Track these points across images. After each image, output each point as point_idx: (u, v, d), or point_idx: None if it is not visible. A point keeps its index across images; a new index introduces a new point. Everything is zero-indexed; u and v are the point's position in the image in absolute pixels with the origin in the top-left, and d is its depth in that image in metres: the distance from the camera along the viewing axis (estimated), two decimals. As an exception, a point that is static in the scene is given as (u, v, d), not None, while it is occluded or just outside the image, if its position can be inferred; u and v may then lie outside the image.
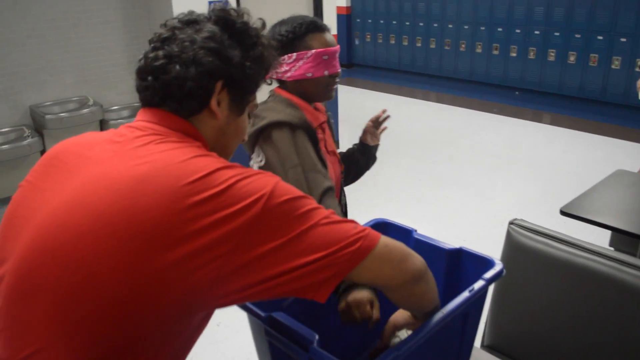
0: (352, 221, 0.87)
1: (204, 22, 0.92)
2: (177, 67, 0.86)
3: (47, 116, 3.66)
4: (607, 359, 1.43)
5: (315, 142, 1.47)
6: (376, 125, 1.76)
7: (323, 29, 1.51)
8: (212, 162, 0.80)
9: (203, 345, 2.64)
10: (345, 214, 1.70)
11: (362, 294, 1.16)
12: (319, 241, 0.79)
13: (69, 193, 0.78)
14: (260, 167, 1.45)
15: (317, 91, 1.51)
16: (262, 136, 1.44)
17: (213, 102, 0.89)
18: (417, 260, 0.93)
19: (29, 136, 3.62)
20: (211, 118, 0.91)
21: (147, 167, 0.76)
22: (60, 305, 0.73)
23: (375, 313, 1.17)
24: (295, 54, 1.46)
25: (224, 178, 0.77)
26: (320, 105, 1.63)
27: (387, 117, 1.76)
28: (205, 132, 0.91)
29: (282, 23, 1.51)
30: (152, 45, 0.91)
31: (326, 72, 1.48)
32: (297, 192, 0.83)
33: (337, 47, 1.51)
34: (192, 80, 0.86)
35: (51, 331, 0.73)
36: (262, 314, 1.03)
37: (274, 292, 0.78)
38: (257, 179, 0.80)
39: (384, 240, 0.87)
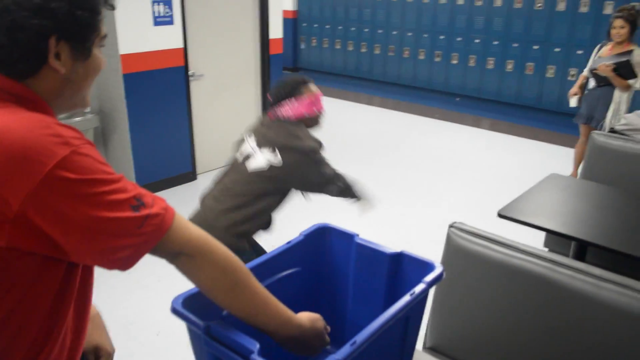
0: (142, 218, 0.84)
1: None
2: (1, 35, 0.81)
3: None
4: (544, 356, 1.48)
5: None
6: None
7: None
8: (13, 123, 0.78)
9: (142, 355, 2.57)
10: None
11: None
12: (99, 230, 0.80)
13: None
14: (272, 166, 1.90)
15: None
16: (293, 150, 1.95)
17: (52, 60, 0.85)
18: None
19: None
20: (53, 72, 0.86)
21: None
22: None
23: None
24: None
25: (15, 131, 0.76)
26: None
27: None
28: (46, 88, 0.87)
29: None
30: None
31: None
32: (94, 174, 0.80)
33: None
34: (20, 47, 0.82)
35: None
36: (201, 323, 1.00)
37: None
38: (48, 140, 0.77)
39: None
